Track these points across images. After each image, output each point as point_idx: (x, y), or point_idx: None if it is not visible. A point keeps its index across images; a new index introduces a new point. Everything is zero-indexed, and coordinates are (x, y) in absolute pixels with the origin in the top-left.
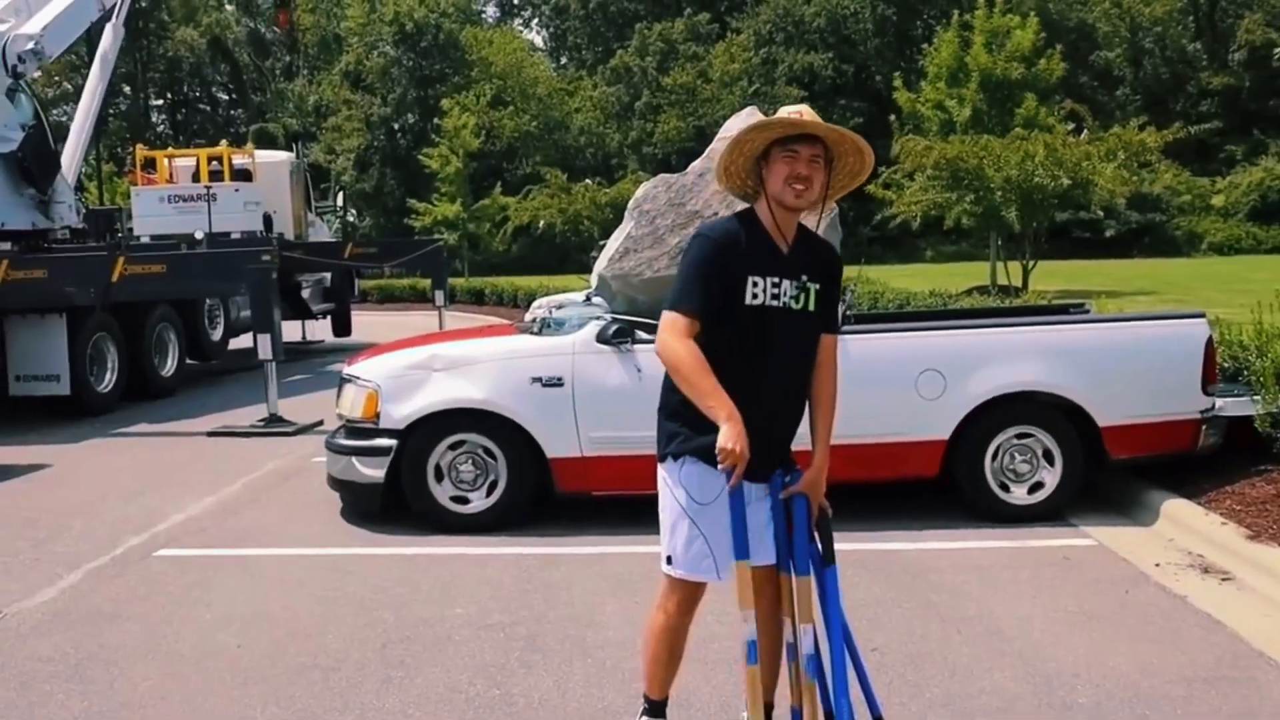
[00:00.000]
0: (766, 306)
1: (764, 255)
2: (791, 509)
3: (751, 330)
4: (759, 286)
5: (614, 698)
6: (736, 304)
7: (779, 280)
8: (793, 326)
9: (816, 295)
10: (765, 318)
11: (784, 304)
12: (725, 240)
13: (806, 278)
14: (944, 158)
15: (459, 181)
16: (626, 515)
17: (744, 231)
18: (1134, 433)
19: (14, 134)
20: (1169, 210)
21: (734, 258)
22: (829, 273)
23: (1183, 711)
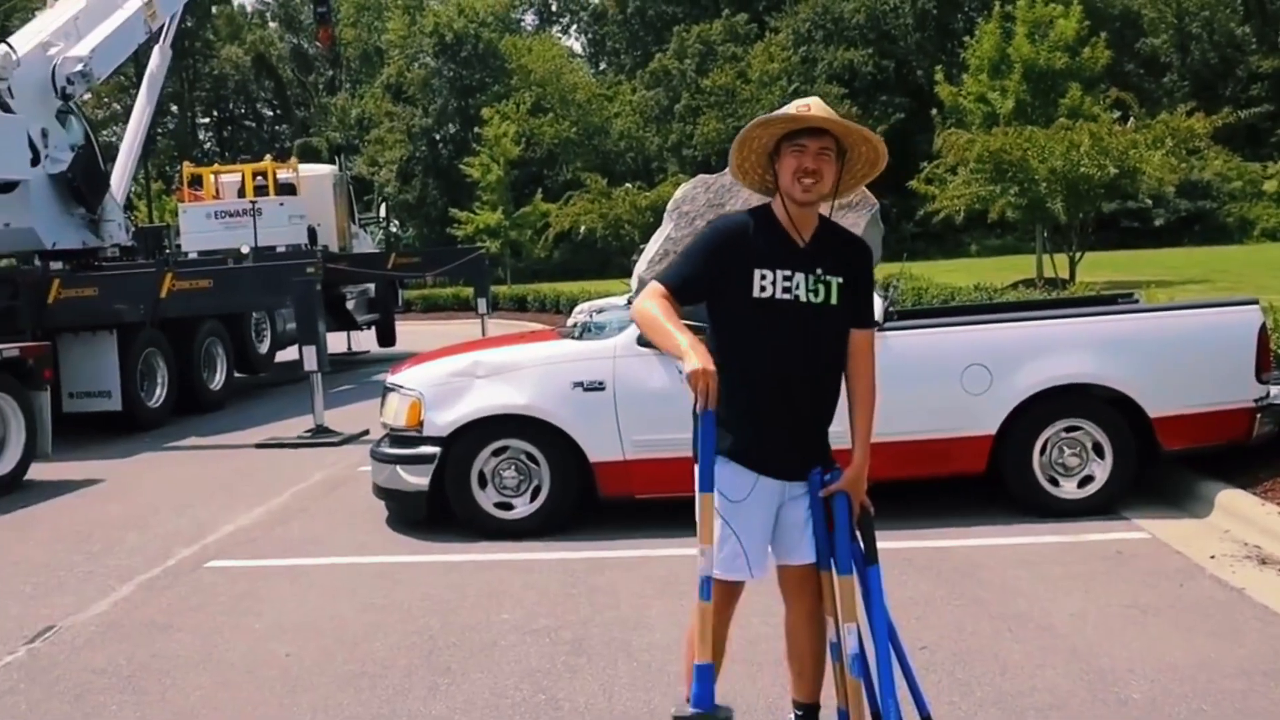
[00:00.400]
0: (776, 299)
1: (775, 248)
2: (832, 508)
3: (763, 323)
4: (767, 279)
5: (659, 701)
6: (745, 296)
7: (791, 274)
8: (810, 320)
9: (839, 289)
10: (776, 311)
11: (796, 297)
12: (730, 230)
13: (825, 271)
14: (987, 150)
15: (500, 189)
16: (670, 517)
17: (755, 225)
18: (1186, 423)
19: (64, 155)
20: (1220, 197)
21: (739, 249)
22: (854, 266)
23: (1241, 706)
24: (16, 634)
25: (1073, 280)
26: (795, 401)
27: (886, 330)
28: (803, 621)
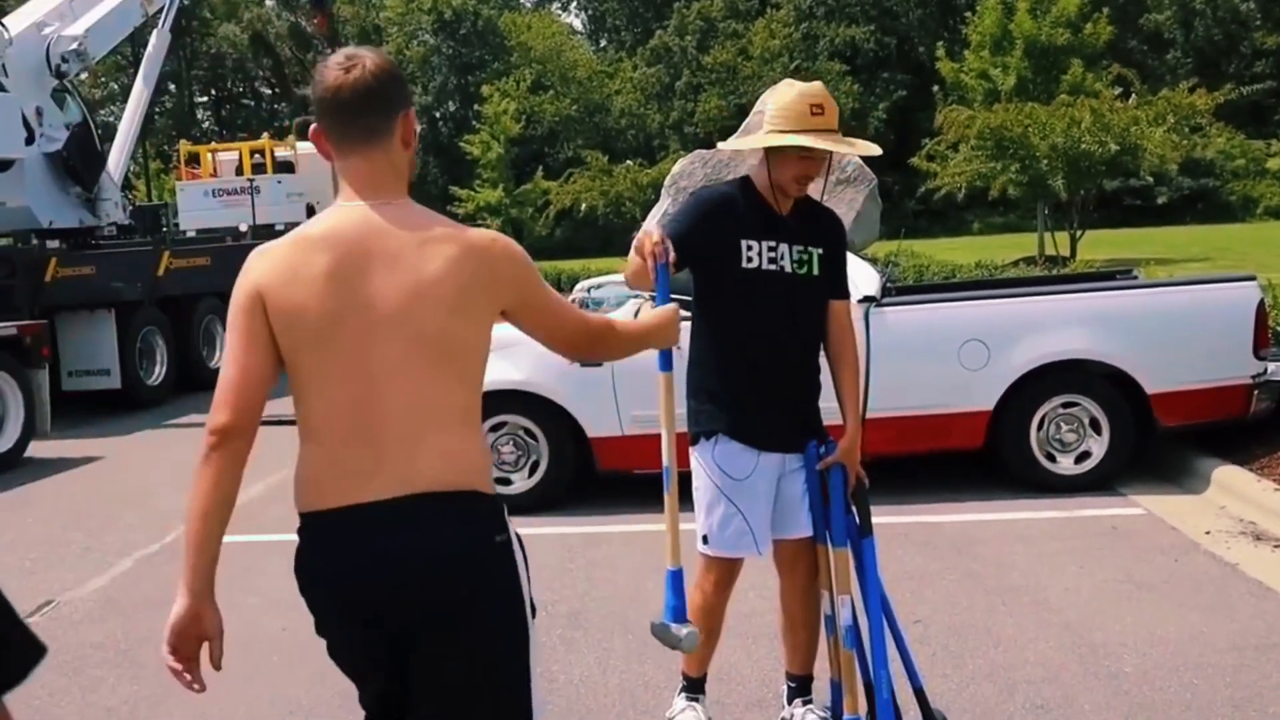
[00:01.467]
0: (763, 270)
1: (760, 220)
2: (828, 480)
3: (752, 294)
4: (754, 250)
5: (654, 674)
6: (734, 267)
7: (775, 245)
8: (796, 292)
9: (820, 260)
10: (764, 281)
11: (781, 268)
12: (718, 199)
13: (807, 242)
14: (988, 127)
15: (501, 167)
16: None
17: (739, 197)
18: (1184, 399)
19: (59, 134)
20: (1222, 175)
21: (727, 218)
22: (831, 238)
23: (1232, 680)
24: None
25: (1073, 257)
26: (787, 372)
27: (884, 306)
28: (798, 595)
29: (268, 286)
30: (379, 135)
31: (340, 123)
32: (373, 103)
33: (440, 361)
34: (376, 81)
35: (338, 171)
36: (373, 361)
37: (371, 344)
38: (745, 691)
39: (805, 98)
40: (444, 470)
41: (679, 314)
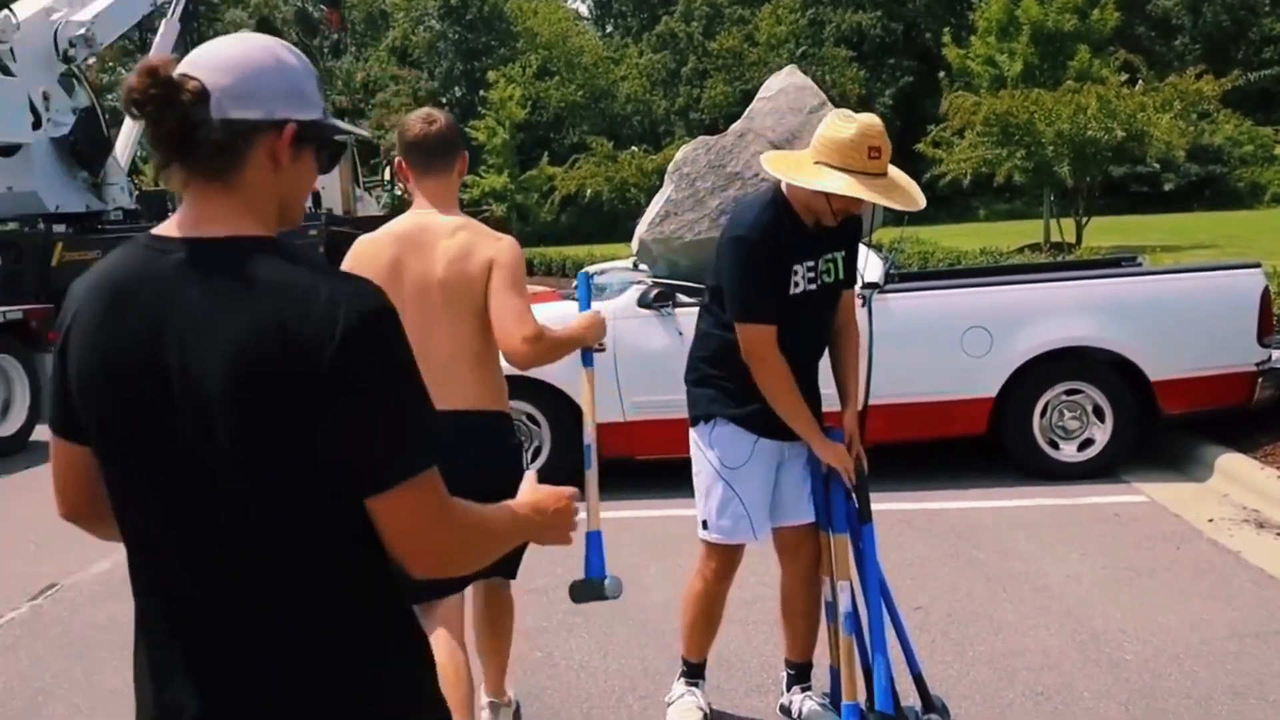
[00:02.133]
0: (805, 291)
1: (797, 241)
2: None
3: (792, 316)
4: (799, 274)
5: (655, 659)
6: (783, 296)
7: (813, 264)
8: (823, 299)
9: (842, 262)
10: (803, 302)
11: (820, 284)
12: (770, 234)
13: (833, 249)
14: (993, 113)
15: (506, 153)
16: (669, 478)
17: (778, 219)
18: (1187, 386)
19: (66, 118)
20: (1230, 161)
21: (777, 252)
22: (849, 238)
23: (1232, 667)
24: (20, 591)
25: (1079, 244)
26: (801, 369)
27: (887, 293)
28: (799, 582)
29: (356, 258)
30: (446, 169)
31: (422, 160)
32: (443, 148)
33: (464, 314)
34: (448, 132)
35: (415, 190)
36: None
37: (424, 303)
38: (744, 677)
39: (864, 138)
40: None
41: (602, 318)
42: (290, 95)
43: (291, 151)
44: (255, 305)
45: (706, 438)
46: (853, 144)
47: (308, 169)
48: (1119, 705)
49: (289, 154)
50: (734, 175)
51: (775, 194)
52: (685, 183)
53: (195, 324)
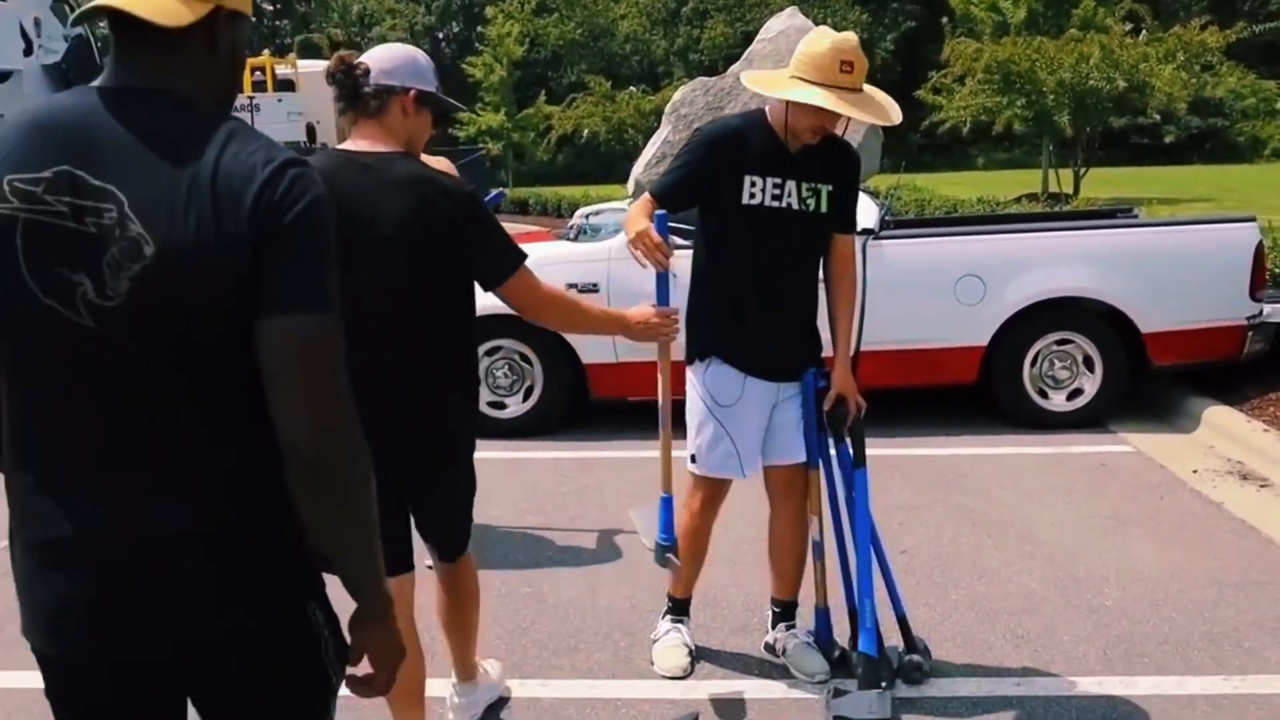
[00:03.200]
0: (765, 206)
1: (767, 156)
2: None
3: (753, 229)
4: (757, 186)
5: (643, 596)
6: (734, 203)
7: (781, 181)
8: (799, 227)
9: (829, 196)
10: (765, 217)
11: (787, 205)
12: (721, 137)
13: (816, 179)
14: (995, 60)
15: (503, 91)
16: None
17: (748, 132)
18: (1178, 339)
19: (58, 45)
20: (1232, 115)
21: (730, 155)
22: (843, 173)
23: (1209, 615)
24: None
25: (1076, 195)
26: (781, 305)
27: (882, 239)
28: (788, 522)
29: None
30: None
31: None
32: None
33: None
34: None
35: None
36: None
37: None
38: (730, 616)
39: (836, 53)
40: None
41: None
42: (415, 76)
43: (415, 107)
44: (407, 187)
45: (700, 376)
46: (825, 57)
47: (425, 121)
48: (1097, 649)
49: (413, 109)
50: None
51: (757, 112)
52: (682, 124)
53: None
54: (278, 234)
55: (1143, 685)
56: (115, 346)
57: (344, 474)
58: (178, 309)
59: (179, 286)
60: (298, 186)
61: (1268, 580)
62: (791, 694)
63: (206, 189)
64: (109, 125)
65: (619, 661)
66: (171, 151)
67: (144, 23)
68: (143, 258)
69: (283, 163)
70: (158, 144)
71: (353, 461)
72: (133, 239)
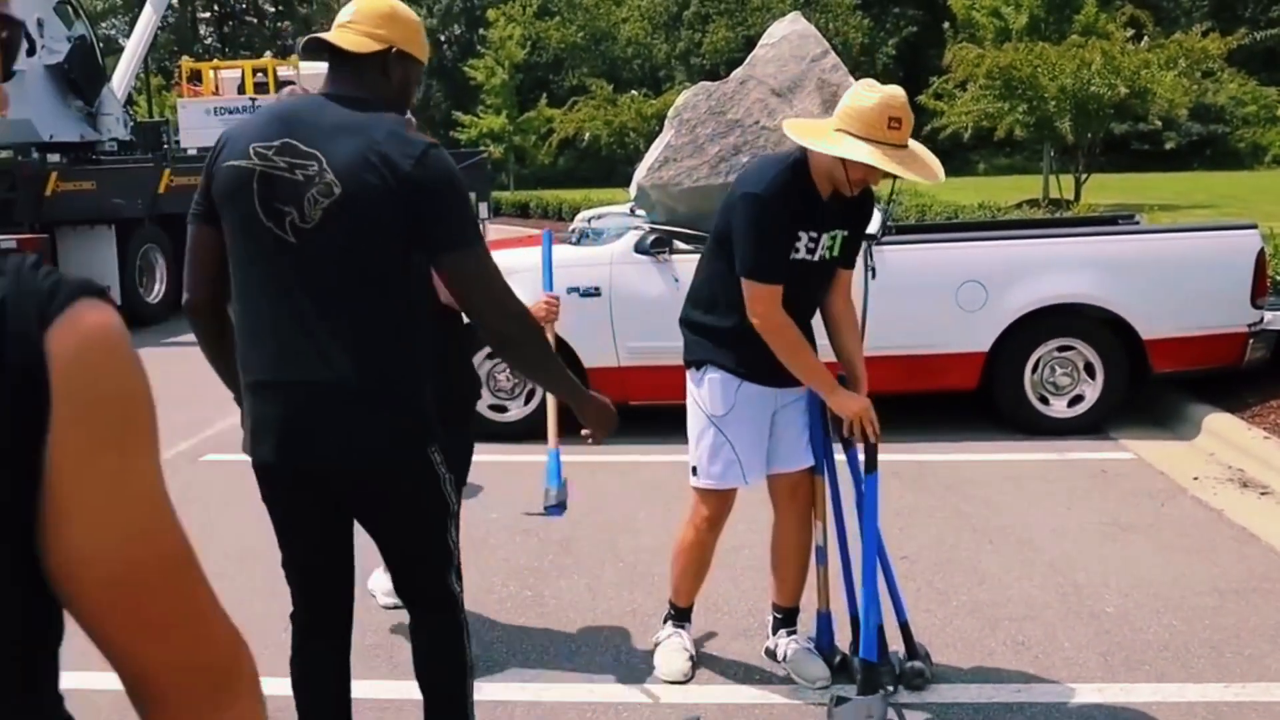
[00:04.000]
0: (803, 260)
1: (808, 209)
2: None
3: (788, 283)
4: (801, 241)
5: (643, 600)
6: (785, 259)
7: (817, 235)
8: (819, 274)
9: (843, 241)
10: (799, 270)
11: (820, 257)
12: (786, 197)
13: (838, 227)
14: (996, 66)
15: (505, 93)
16: (662, 425)
17: (796, 186)
18: (1179, 346)
19: (61, 46)
20: (1233, 121)
21: (792, 215)
22: (858, 219)
23: (1210, 622)
24: None
25: (1077, 201)
26: None
27: (884, 245)
28: (792, 527)
29: None
30: None
31: None
32: None
33: None
34: None
35: None
36: None
37: None
38: (731, 621)
39: (886, 109)
40: None
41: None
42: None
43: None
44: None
45: (698, 383)
46: (874, 113)
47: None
48: (1098, 656)
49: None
50: (734, 122)
51: (797, 159)
52: (685, 128)
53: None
54: (431, 193)
55: (1143, 692)
56: (307, 256)
57: (535, 342)
58: (350, 231)
59: (352, 215)
60: (438, 161)
61: (1269, 588)
62: (792, 700)
63: (376, 158)
64: (318, 115)
65: (620, 665)
66: (354, 132)
67: (344, 51)
68: (332, 195)
69: (427, 146)
70: (346, 128)
71: (536, 332)
72: (327, 183)
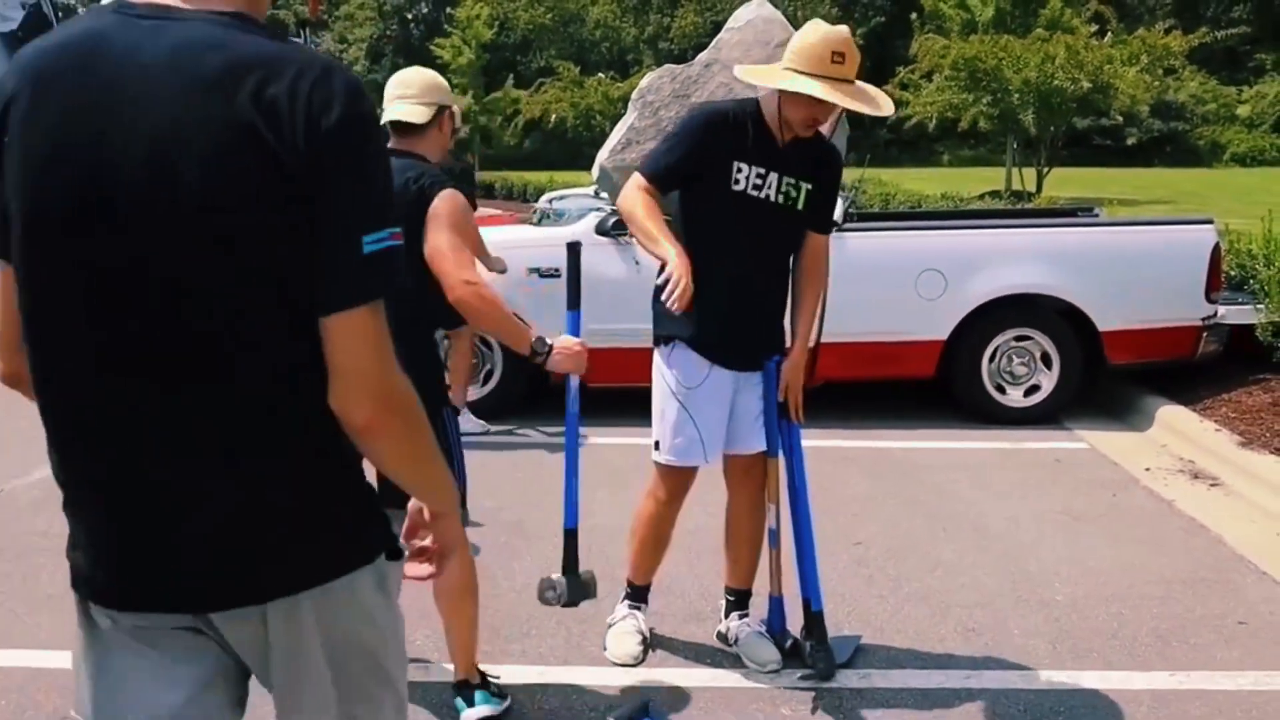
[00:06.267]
0: (747, 194)
1: (756, 145)
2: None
3: (733, 216)
4: (743, 173)
5: (598, 583)
6: (722, 187)
7: (765, 173)
8: (776, 221)
9: (807, 195)
10: (745, 206)
11: (767, 196)
12: (715, 119)
13: (797, 175)
14: (962, 57)
15: (471, 73)
16: (621, 407)
17: (741, 118)
18: (1134, 338)
19: (15, 13)
20: (1193, 119)
21: (720, 139)
22: (825, 174)
23: (1158, 611)
24: None
25: (1039, 193)
26: (753, 297)
27: (845, 232)
28: (745, 509)
29: None
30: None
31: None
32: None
33: None
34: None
35: None
36: None
37: None
38: (685, 604)
39: (828, 43)
40: None
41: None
42: None
43: None
44: None
45: (665, 358)
46: (816, 48)
47: None
48: (1047, 643)
49: None
50: (698, 104)
51: (751, 100)
52: (648, 111)
53: None
54: None
55: (1090, 679)
56: None
57: None
58: None
59: None
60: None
61: (1214, 578)
62: (743, 684)
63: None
64: None
65: (571, 648)
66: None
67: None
68: None
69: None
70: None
71: None
72: None
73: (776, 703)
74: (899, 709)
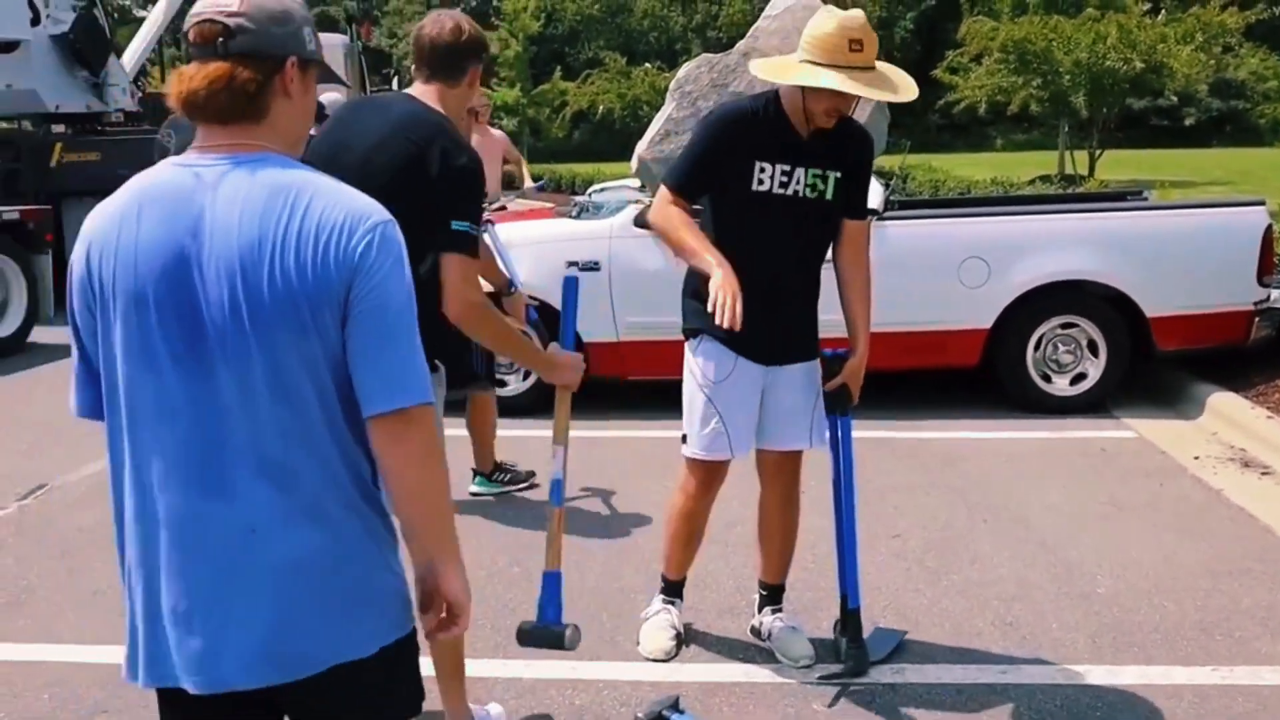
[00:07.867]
0: (773, 194)
1: (778, 142)
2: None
3: (759, 217)
4: (766, 173)
5: (632, 577)
6: (744, 189)
7: (790, 169)
8: (805, 216)
9: (836, 184)
10: (771, 205)
11: (795, 192)
12: (732, 120)
13: (825, 165)
14: (1010, 39)
15: (519, 66)
16: (660, 399)
17: (760, 115)
18: (1184, 324)
19: (65, 15)
20: (1253, 97)
21: (739, 140)
22: (855, 160)
23: (1202, 604)
24: (9, 491)
25: (1091, 177)
26: (783, 292)
27: (885, 220)
28: (777, 504)
29: None
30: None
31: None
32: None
33: None
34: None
35: None
36: None
37: None
38: (719, 598)
39: (844, 32)
40: None
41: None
42: None
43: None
44: None
45: (694, 351)
46: (833, 37)
47: None
48: (1086, 637)
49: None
50: (736, 95)
51: (770, 94)
52: (686, 101)
53: None
54: None
55: (1129, 675)
56: None
57: None
58: None
59: None
60: None
61: (1261, 569)
62: (775, 679)
63: None
64: None
65: (604, 643)
66: None
67: None
68: None
69: None
70: None
71: None
72: None
73: (809, 698)
74: (932, 705)
